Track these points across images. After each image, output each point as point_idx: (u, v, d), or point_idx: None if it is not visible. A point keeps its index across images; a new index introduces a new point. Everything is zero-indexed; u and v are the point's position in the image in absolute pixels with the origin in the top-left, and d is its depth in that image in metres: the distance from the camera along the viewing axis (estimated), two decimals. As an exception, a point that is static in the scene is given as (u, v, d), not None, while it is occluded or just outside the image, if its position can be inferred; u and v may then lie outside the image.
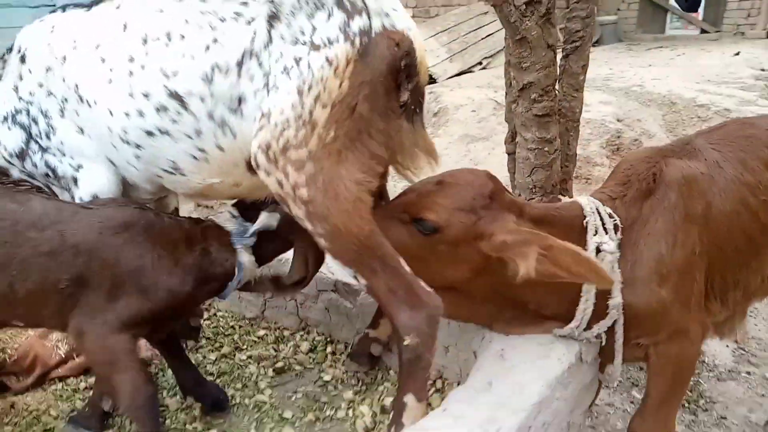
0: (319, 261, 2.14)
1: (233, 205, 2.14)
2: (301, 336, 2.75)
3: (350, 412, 2.27)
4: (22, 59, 2.09)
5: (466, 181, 1.95)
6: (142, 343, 2.32)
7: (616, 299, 1.94)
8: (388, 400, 2.26)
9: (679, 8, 12.87)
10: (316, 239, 1.81)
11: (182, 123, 1.87)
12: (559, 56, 3.20)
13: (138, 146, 1.97)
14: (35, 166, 2.10)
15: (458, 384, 2.30)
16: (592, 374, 2.18)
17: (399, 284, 1.80)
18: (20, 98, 2.09)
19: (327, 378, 2.46)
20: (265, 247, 2.09)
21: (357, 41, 1.71)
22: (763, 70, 8.38)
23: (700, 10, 12.93)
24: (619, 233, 1.98)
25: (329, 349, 2.64)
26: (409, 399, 1.84)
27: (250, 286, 2.12)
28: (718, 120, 5.97)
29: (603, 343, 2.07)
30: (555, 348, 2.01)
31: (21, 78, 2.09)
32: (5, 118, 2.12)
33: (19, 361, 2.48)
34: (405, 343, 1.81)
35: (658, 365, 2.08)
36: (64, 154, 2.09)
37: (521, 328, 2.10)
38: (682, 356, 2.11)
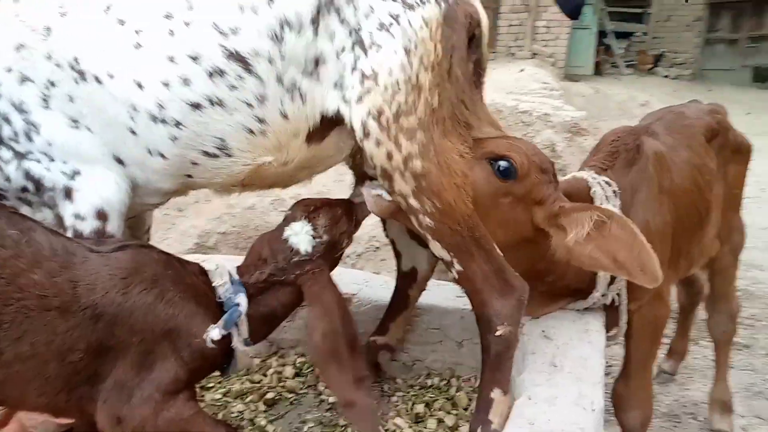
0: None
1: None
2: (278, 362, 2.44)
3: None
4: None
5: (538, 150, 1.94)
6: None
7: None
8: (419, 407, 2.11)
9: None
10: (418, 218, 1.68)
11: (243, 89, 1.60)
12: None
13: (178, 124, 1.61)
14: (8, 179, 1.59)
15: (475, 379, 2.25)
16: (604, 343, 2.29)
17: (491, 269, 1.73)
18: None
19: (332, 399, 2.22)
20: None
21: (442, 5, 1.66)
22: (546, 83, 9.69)
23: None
24: (618, 199, 2.10)
25: (317, 369, 2.38)
26: (496, 393, 1.75)
27: None
28: (541, 124, 6.75)
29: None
30: (589, 321, 2.09)
31: None
32: None
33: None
34: (498, 333, 1.72)
35: (639, 328, 2.24)
36: (52, 159, 1.62)
37: (543, 307, 2.13)
38: (659, 317, 2.33)
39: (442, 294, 2.33)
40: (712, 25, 17.34)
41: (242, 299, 1.64)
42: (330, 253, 1.80)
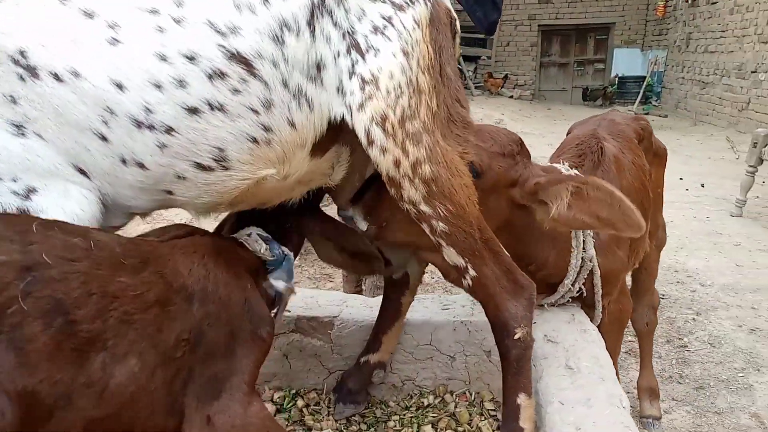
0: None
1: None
2: (253, 398, 2.20)
3: (389, 457, 1.93)
4: None
5: (497, 128, 1.96)
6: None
7: (590, 251, 2.13)
8: (426, 429, 2.01)
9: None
10: (431, 225, 1.61)
11: (247, 93, 1.44)
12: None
13: (169, 130, 1.40)
14: None
15: (469, 393, 2.20)
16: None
17: (502, 271, 1.71)
18: None
19: (326, 433, 2.04)
20: None
21: (428, 4, 1.62)
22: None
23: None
24: None
25: (300, 402, 2.18)
26: (522, 398, 1.71)
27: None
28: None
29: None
30: (582, 321, 2.13)
31: None
32: None
33: None
34: (516, 336, 1.70)
35: (609, 323, 2.36)
36: None
37: None
38: (625, 312, 2.47)
39: (429, 308, 2.26)
40: (546, 50, 19.19)
41: (285, 250, 1.64)
42: None
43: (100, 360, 1.06)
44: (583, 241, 2.12)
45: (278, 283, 1.61)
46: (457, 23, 1.77)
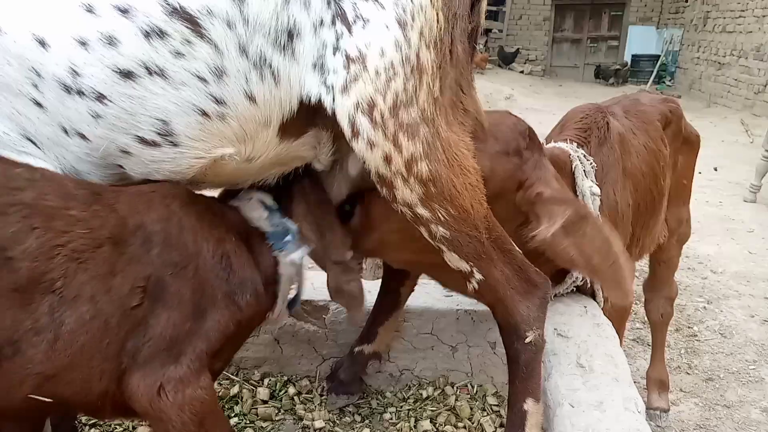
0: None
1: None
2: (241, 384, 2.07)
3: (385, 452, 1.81)
4: None
5: (498, 118, 1.71)
6: None
7: None
8: (425, 424, 1.88)
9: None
10: (430, 228, 1.41)
11: (193, 58, 1.23)
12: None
13: (100, 98, 1.22)
14: None
15: (471, 386, 2.07)
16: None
17: (513, 271, 1.55)
18: None
19: (318, 425, 1.91)
20: None
21: None
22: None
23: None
24: (593, 175, 2.02)
25: (291, 390, 2.05)
26: (529, 404, 1.58)
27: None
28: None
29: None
30: (596, 314, 1.99)
31: None
32: None
33: None
34: (527, 340, 1.55)
35: (610, 315, 2.21)
36: None
37: None
38: (627, 303, 2.32)
39: (431, 294, 2.12)
40: (559, 25, 18.75)
41: (290, 224, 1.45)
42: None
43: (48, 303, 0.96)
44: None
45: (285, 258, 1.42)
46: None
